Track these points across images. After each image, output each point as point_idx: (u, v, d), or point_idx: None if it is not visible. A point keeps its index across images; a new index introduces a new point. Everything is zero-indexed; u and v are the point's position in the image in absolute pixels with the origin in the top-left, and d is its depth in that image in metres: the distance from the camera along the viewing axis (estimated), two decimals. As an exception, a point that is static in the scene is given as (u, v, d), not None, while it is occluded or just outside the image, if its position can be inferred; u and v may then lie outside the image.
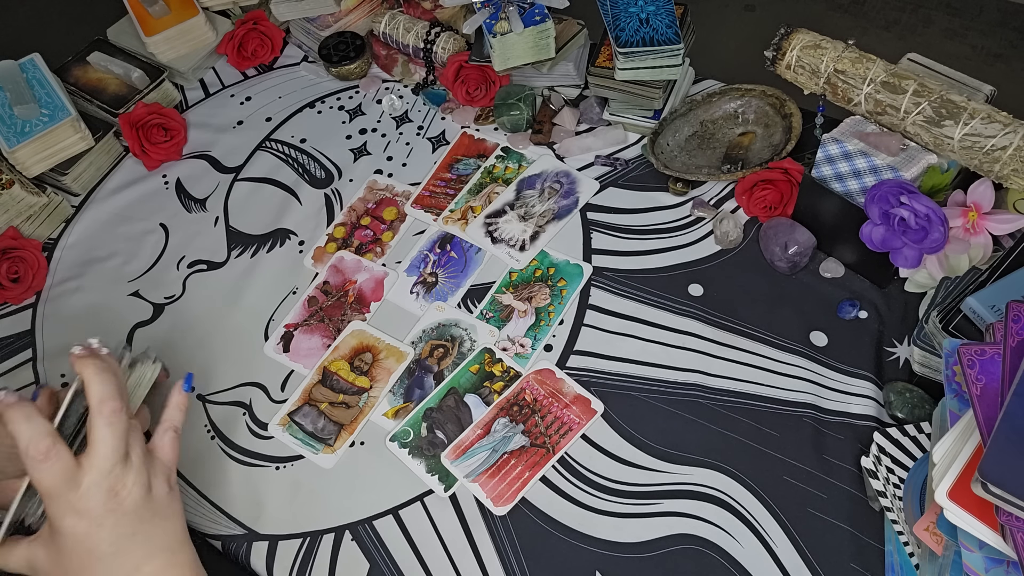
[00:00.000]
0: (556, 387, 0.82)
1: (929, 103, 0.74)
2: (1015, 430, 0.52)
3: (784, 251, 0.85)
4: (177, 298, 0.95)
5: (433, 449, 0.80)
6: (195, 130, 1.12)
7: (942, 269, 0.78)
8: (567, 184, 0.98)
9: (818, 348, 0.82)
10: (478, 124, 1.06)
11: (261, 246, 0.99)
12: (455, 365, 0.85)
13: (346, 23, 1.15)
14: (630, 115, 1.00)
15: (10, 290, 0.95)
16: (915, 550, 0.65)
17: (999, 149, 0.71)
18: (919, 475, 0.65)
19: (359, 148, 1.07)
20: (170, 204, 1.04)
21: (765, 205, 0.89)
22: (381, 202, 1.00)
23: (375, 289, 0.93)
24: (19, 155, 1.00)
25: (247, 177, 1.06)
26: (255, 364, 0.88)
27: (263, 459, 0.81)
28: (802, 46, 0.81)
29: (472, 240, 0.95)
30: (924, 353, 0.76)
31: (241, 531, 0.77)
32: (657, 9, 0.94)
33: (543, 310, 0.88)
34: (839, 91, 0.80)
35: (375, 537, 0.76)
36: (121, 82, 1.11)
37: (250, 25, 1.15)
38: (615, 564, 0.72)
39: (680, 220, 0.94)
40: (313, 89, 1.15)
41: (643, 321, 0.86)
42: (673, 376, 0.82)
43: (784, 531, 0.72)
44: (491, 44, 0.99)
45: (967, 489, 0.53)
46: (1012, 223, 0.75)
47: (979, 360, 0.57)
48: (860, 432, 0.76)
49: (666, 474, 0.76)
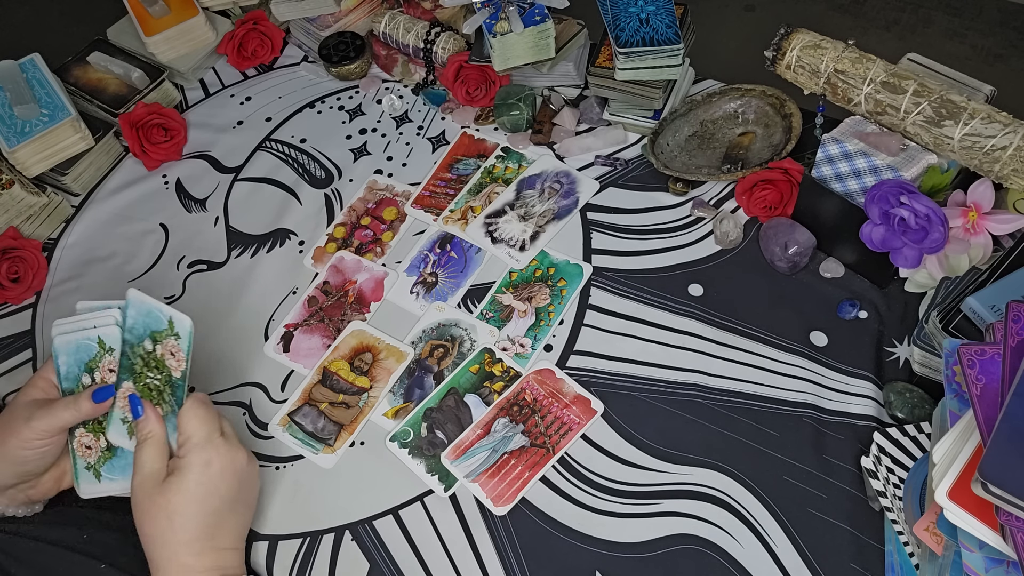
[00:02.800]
0: (556, 387, 0.82)
1: (929, 103, 0.74)
2: (1015, 430, 0.52)
3: (784, 251, 0.85)
4: (177, 298, 0.95)
5: (433, 449, 0.80)
6: (195, 130, 1.12)
7: (942, 269, 0.78)
8: (567, 184, 0.98)
9: (818, 348, 0.82)
10: (478, 124, 1.06)
11: (261, 246, 0.99)
12: (455, 365, 0.85)
13: (346, 23, 1.15)
14: (630, 115, 1.00)
15: (10, 290, 0.95)
16: (915, 550, 0.65)
17: (999, 149, 0.71)
18: (919, 475, 0.65)
19: (359, 148, 1.07)
20: (170, 204, 1.04)
21: (765, 205, 0.89)
22: (381, 202, 1.00)
23: (375, 289, 0.93)
24: (19, 155, 1.00)
25: (247, 177, 1.06)
26: (255, 364, 0.88)
27: (263, 459, 0.81)
28: (802, 46, 0.81)
29: (472, 240, 0.95)
30: (924, 353, 0.76)
31: (241, 531, 0.77)
32: (657, 9, 0.94)
33: (543, 310, 0.88)
34: (839, 91, 0.80)
35: (375, 537, 0.76)
36: (121, 82, 1.11)
37: (250, 25, 1.15)
38: (615, 564, 0.72)
39: (680, 220, 0.94)
40: (313, 89, 1.15)
41: (643, 321, 0.86)
42: (673, 376, 0.82)
43: (784, 531, 0.72)
44: (491, 44, 0.99)
45: (967, 489, 0.53)
46: (1012, 223, 0.75)
47: (979, 360, 0.57)
48: (860, 432, 0.76)
49: (666, 474, 0.76)
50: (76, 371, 0.71)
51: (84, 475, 0.72)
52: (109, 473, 0.72)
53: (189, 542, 0.64)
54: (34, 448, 0.67)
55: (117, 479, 0.72)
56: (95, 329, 0.71)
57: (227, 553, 0.67)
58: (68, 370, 0.71)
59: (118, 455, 0.72)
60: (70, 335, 0.71)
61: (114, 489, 0.72)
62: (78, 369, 0.71)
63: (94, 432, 0.72)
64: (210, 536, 0.65)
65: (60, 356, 0.71)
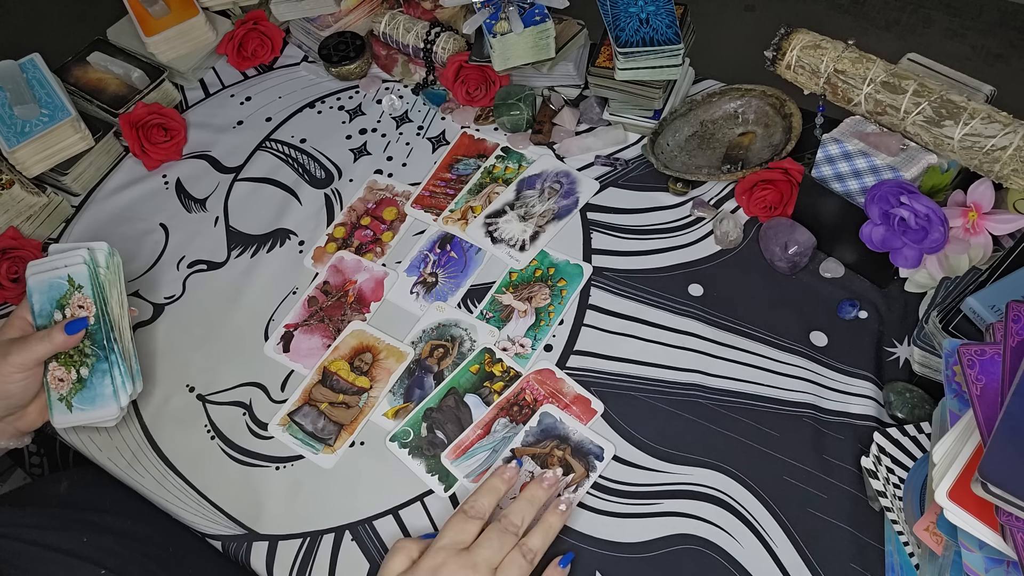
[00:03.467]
0: (556, 387, 0.82)
1: (929, 103, 0.74)
2: (1015, 430, 0.52)
3: (784, 251, 0.85)
4: (177, 298, 0.95)
5: (433, 449, 0.80)
6: (195, 130, 1.12)
7: (942, 269, 0.78)
8: (567, 184, 0.98)
9: (818, 348, 0.82)
10: (478, 124, 1.06)
11: (261, 246, 0.99)
12: (455, 365, 0.85)
13: (346, 23, 1.15)
14: (630, 115, 1.00)
15: (10, 290, 0.95)
16: (915, 550, 0.65)
17: (999, 149, 0.71)
18: (919, 475, 0.65)
19: (359, 148, 1.07)
20: (170, 204, 1.04)
21: (765, 205, 0.89)
22: (381, 202, 1.00)
23: (375, 289, 0.93)
24: (19, 155, 1.00)
25: (247, 177, 1.06)
26: (255, 364, 0.88)
27: (263, 459, 0.82)
28: (802, 46, 0.81)
29: (472, 240, 0.95)
30: (924, 353, 0.76)
31: (241, 531, 0.77)
32: (657, 9, 0.94)
33: (543, 310, 0.88)
34: (839, 91, 0.80)
35: (375, 537, 0.76)
36: (121, 82, 1.11)
37: (250, 25, 1.15)
38: (615, 564, 0.72)
39: (680, 220, 0.94)
40: (313, 89, 1.15)
41: (643, 321, 0.86)
42: (673, 376, 0.82)
43: (784, 531, 0.72)
44: (491, 44, 0.99)
45: (967, 489, 0.53)
46: (1012, 223, 0.75)
47: (979, 360, 0.57)
48: (860, 432, 0.76)
49: (666, 474, 0.76)
50: (48, 308, 0.77)
51: (57, 407, 0.77)
52: (80, 404, 0.76)
53: None
54: (15, 381, 0.73)
55: (87, 409, 0.76)
56: (65, 268, 0.77)
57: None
58: (41, 307, 0.77)
59: (88, 386, 0.76)
60: (43, 275, 0.78)
61: (84, 419, 0.76)
62: (50, 306, 0.77)
63: (66, 366, 0.76)
64: None
65: (34, 295, 0.78)
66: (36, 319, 0.77)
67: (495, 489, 0.68)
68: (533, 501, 0.68)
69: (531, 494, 0.69)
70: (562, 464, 0.76)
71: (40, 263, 0.79)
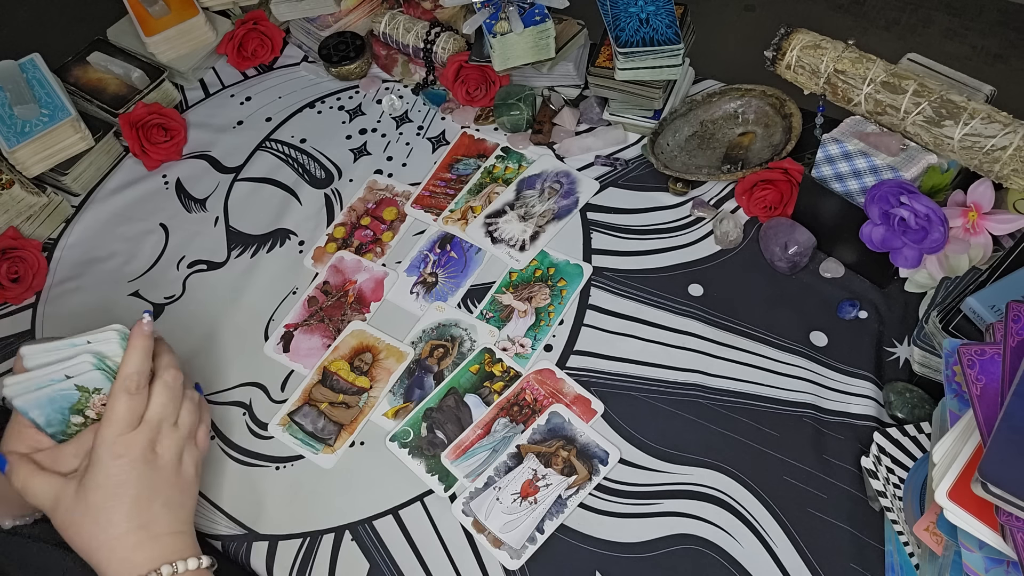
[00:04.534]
0: (556, 387, 0.82)
1: (929, 103, 0.74)
2: (1015, 430, 0.52)
3: (784, 251, 0.85)
4: (177, 298, 0.95)
5: (433, 449, 0.80)
6: (195, 130, 1.12)
7: (942, 269, 0.78)
8: (567, 184, 0.98)
9: (818, 348, 0.82)
10: (478, 124, 1.06)
11: (261, 246, 0.99)
12: (455, 365, 0.85)
13: (346, 23, 1.15)
14: (630, 115, 1.00)
15: (10, 290, 0.95)
16: (915, 550, 0.65)
17: (999, 149, 0.71)
18: (919, 475, 0.65)
19: (359, 148, 1.07)
20: (170, 204, 1.04)
21: (765, 205, 0.89)
22: (381, 202, 1.00)
23: (375, 289, 0.93)
24: (19, 155, 1.00)
25: (247, 177, 1.06)
26: (255, 364, 0.88)
27: (263, 459, 0.82)
28: (802, 46, 0.81)
29: (472, 240, 0.95)
30: (924, 353, 0.76)
31: (241, 531, 0.77)
32: (657, 9, 0.94)
33: (543, 310, 0.88)
34: (839, 91, 0.80)
35: (375, 537, 0.76)
36: (121, 82, 1.11)
37: (250, 25, 1.15)
38: (615, 564, 0.72)
39: (680, 220, 0.94)
40: (313, 89, 1.15)
41: (643, 321, 0.86)
42: (673, 376, 0.82)
43: (784, 531, 0.72)
44: (491, 44, 0.99)
45: (967, 489, 0.53)
46: (1012, 223, 0.75)
47: (979, 360, 0.57)
48: (860, 432, 0.76)
49: (666, 474, 0.76)
50: (60, 416, 0.67)
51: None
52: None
53: (121, 536, 0.62)
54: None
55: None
56: (69, 380, 0.65)
57: (167, 539, 0.64)
58: (49, 419, 0.66)
59: None
60: (31, 395, 0.65)
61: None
62: (61, 415, 0.67)
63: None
64: (142, 526, 0.63)
65: (31, 412, 0.66)
66: (47, 429, 0.67)
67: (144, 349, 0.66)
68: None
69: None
70: (566, 465, 0.76)
71: (21, 382, 0.65)
